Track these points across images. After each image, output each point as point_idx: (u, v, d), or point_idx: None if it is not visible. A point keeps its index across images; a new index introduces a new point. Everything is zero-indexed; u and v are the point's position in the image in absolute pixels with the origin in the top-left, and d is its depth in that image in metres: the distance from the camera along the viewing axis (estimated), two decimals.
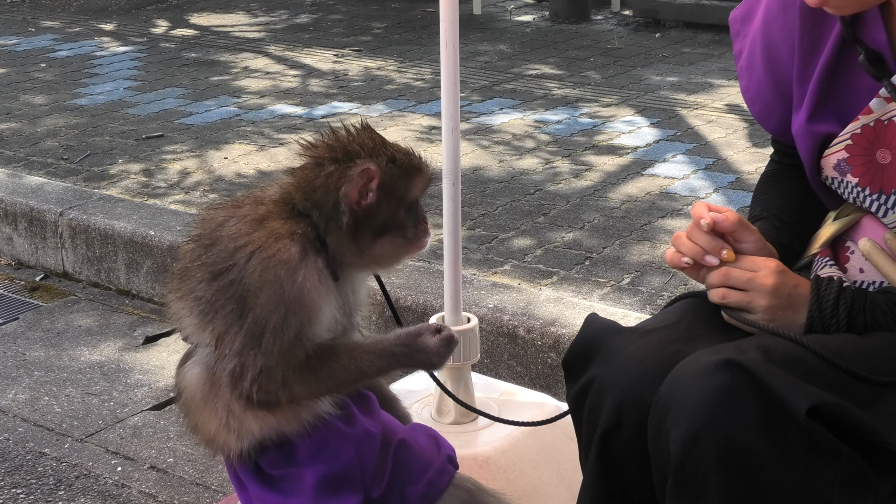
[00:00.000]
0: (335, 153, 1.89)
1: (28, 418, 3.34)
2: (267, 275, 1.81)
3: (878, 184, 1.95)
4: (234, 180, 4.72)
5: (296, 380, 1.84)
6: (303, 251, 1.83)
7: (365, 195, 1.86)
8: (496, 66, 6.73)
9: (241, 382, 1.83)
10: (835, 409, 1.68)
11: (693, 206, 1.95)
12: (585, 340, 1.94)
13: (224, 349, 1.84)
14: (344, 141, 1.90)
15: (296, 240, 1.84)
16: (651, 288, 3.58)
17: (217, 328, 1.85)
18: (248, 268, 1.82)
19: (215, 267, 1.85)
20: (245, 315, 1.82)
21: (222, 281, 1.84)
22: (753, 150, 4.99)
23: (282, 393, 1.84)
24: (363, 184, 1.86)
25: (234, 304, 1.83)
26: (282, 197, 1.91)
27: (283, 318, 1.81)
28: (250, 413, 1.89)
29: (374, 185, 1.86)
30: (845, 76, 1.97)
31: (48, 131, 5.51)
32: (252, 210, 1.89)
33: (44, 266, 4.45)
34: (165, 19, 8.37)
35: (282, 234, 1.83)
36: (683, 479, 1.70)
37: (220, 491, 2.96)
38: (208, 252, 1.87)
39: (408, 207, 1.92)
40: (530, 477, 2.54)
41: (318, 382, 1.87)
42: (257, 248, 1.82)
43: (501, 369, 3.37)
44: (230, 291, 1.83)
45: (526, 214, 4.28)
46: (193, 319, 1.89)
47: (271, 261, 1.81)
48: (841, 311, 1.88)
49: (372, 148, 1.90)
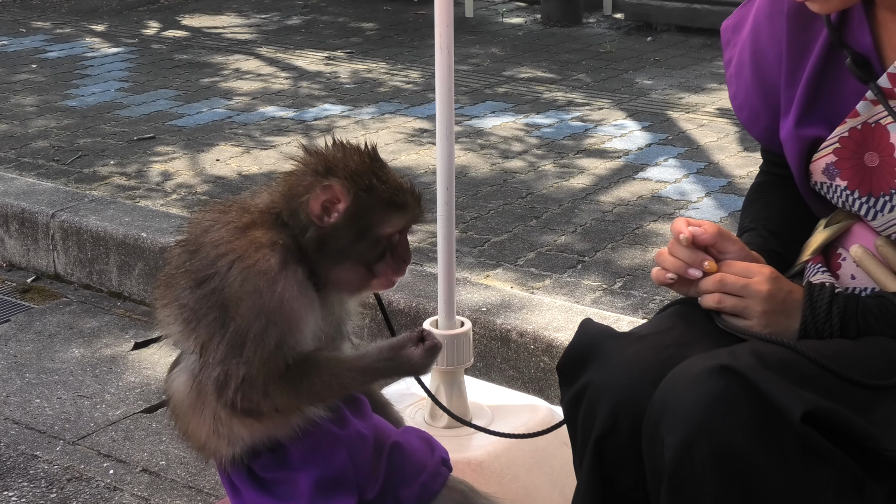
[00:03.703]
0: (318, 166, 1.87)
1: (19, 420, 3.34)
2: (247, 285, 1.81)
3: (866, 187, 1.96)
4: (225, 182, 4.72)
5: (276, 390, 1.84)
6: (283, 261, 1.83)
7: (329, 213, 1.84)
8: (488, 69, 6.74)
9: (226, 391, 1.84)
10: (829, 414, 1.69)
11: (673, 222, 1.96)
12: (580, 345, 1.94)
13: (208, 357, 1.85)
14: (331, 156, 1.88)
15: (276, 250, 1.83)
16: (643, 292, 3.59)
17: (201, 336, 1.86)
18: (228, 276, 1.82)
19: (198, 274, 1.85)
20: (227, 324, 1.82)
21: (205, 289, 1.84)
22: (745, 154, 5.01)
23: (263, 402, 1.85)
24: (325, 199, 1.83)
25: (216, 312, 1.83)
26: (268, 205, 1.90)
27: (264, 327, 1.81)
28: (237, 419, 1.89)
29: (340, 206, 1.83)
30: (832, 80, 1.99)
31: (39, 132, 5.50)
32: (237, 217, 1.89)
33: (35, 268, 4.45)
34: (157, 20, 8.36)
35: (262, 244, 1.83)
36: (678, 485, 1.71)
37: (212, 494, 2.96)
38: (192, 258, 1.88)
39: (374, 241, 1.87)
40: (523, 481, 2.54)
41: (297, 395, 1.86)
42: (238, 256, 1.82)
43: (494, 373, 3.38)
44: (212, 300, 1.83)
45: (518, 218, 4.29)
46: (178, 326, 1.90)
47: (251, 271, 1.81)
48: (834, 317, 1.89)
49: (355, 170, 1.86)
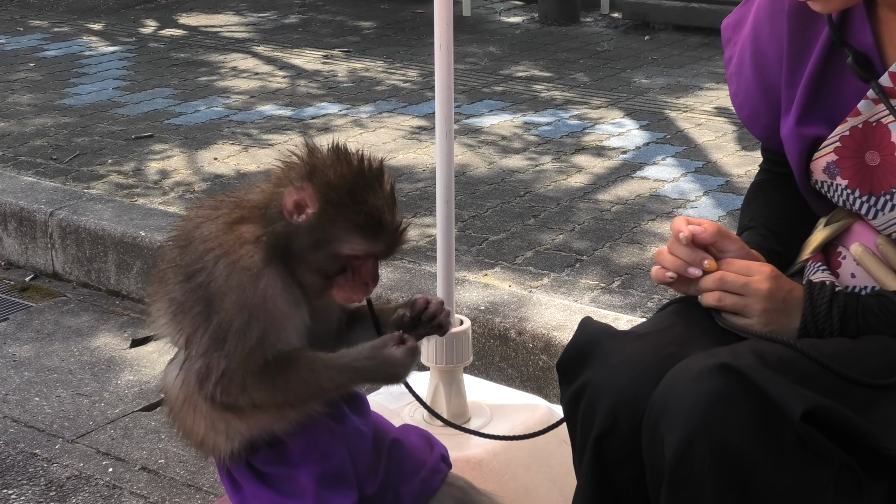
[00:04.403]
0: (304, 167, 1.85)
1: (18, 419, 3.34)
2: (231, 280, 1.81)
3: (867, 185, 1.96)
4: (223, 181, 4.72)
5: (254, 385, 1.84)
6: (267, 258, 1.83)
7: (299, 212, 1.82)
8: (485, 67, 6.74)
9: (207, 383, 1.84)
10: (829, 412, 1.69)
11: (673, 221, 1.96)
12: (580, 344, 1.94)
13: (192, 350, 1.86)
14: (321, 161, 1.85)
15: (260, 246, 1.83)
16: (641, 290, 3.59)
17: (186, 329, 1.87)
18: (214, 271, 1.82)
19: (188, 269, 1.86)
20: (211, 318, 1.83)
21: (192, 283, 1.85)
22: (743, 153, 5.01)
23: (241, 397, 1.85)
24: (297, 199, 1.81)
25: (201, 305, 1.84)
26: (259, 201, 1.90)
27: (246, 322, 1.81)
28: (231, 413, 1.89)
29: (308, 211, 1.82)
30: (833, 79, 1.99)
31: (37, 131, 5.50)
32: (228, 213, 1.89)
33: (33, 266, 4.45)
34: (154, 19, 8.36)
35: (247, 240, 1.83)
36: (678, 483, 1.71)
37: (211, 492, 2.96)
38: (183, 253, 1.89)
39: (332, 256, 1.84)
40: (522, 480, 2.55)
41: (274, 390, 1.85)
42: (224, 252, 1.83)
43: (493, 371, 3.38)
44: (199, 293, 1.84)
45: (516, 216, 4.29)
46: (166, 319, 1.91)
47: (235, 266, 1.82)
48: (834, 315, 1.89)
49: (333, 182, 1.82)
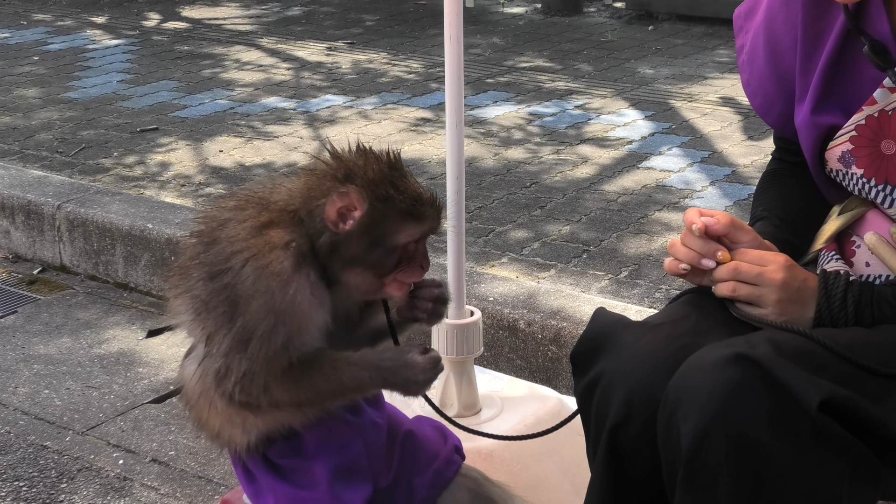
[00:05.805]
0: (338, 171, 1.87)
1: (29, 411, 3.34)
2: (259, 284, 1.81)
3: (883, 174, 1.95)
4: (229, 173, 4.72)
5: (277, 386, 1.85)
6: (296, 263, 1.83)
7: (344, 220, 1.84)
8: (489, 58, 6.73)
9: (225, 382, 1.85)
10: (845, 402, 1.68)
11: (685, 212, 1.96)
12: (594, 334, 1.94)
13: (212, 348, 1.86)
14: (352, 162, 1.87)
15: (290, 251, 1.83)
16: (649, 281, 3.59)
17: (208, 327, 1.87)
18: (241, 274, 1.82)
19: (212, 268, 1.86)
20: (235, 319, 1.83)
21: (217, 283, 1.85)
22: (749, 142, 5.01)
23: (262, 397, 1.85)
24: (342, 206, 1.83)
25: (225, 306, 1.84)
26: (286, 203, 1.90)
27: (272, 327, 1.82)
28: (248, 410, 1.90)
29: (356, 214, 1.83)
30: (849, 67, 1.98)
31: (42, 124, 5.50)
32: (255, 214, 1.89)
33: (41, 259, 4.45)
34: (157, 12, 8.36)
35: (276, 245, 1.83)
36: (693, 473, 1.71)
37: (222, 484, 2.97)
38: (207, 251, 1.88)
39: (389, 249, 1.86)
40: (534, 470, 2.55)
41: (297, 389, 1.86)
42: (252, 255, 1.83)
43: (502, 362, 3.38)
44: (224, 294, 1.84)
45: (522, 207, 4.29)
46: (189, 316, 1.91)
47: (264, 271, 1.82)
48: (849, 305, 1.89)
49: (373, 179, 1.85)
